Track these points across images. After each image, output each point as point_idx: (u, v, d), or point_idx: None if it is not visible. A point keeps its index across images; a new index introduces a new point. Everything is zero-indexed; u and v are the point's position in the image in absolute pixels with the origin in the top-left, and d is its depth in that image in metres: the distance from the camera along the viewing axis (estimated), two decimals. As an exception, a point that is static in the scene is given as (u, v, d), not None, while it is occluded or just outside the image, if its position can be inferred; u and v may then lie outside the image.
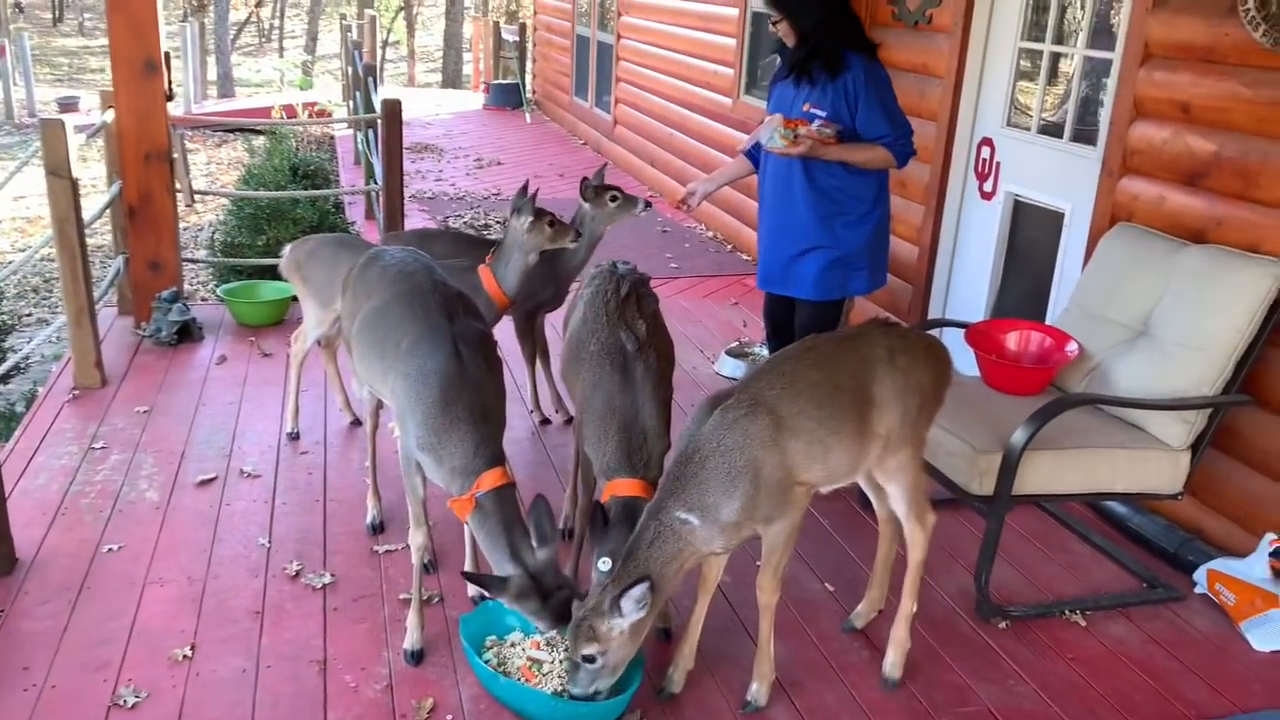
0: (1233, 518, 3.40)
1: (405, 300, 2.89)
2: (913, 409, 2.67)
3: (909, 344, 2.74)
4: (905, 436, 2.68)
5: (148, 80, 4.87)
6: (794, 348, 2.71)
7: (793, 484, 2.50)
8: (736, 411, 2.47)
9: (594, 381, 2.93)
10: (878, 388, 2.62)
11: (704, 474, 2.45)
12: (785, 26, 3.75)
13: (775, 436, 2.46)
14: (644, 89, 9.72)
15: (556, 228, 3.80)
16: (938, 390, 2.79)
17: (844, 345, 2.70)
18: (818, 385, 2.56)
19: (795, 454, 2.48)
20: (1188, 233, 3.48)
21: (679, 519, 2.45)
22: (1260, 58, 3.23)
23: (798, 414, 2.50)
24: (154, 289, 5.11)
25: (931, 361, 2.77)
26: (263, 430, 4.19)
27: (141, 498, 3.64)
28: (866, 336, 2.72)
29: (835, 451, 2.56)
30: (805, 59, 3.74)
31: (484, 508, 2.62)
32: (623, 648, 2.45)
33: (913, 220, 5.11)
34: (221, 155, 14.34)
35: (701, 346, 5.40)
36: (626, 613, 2.39)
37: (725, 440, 2.45)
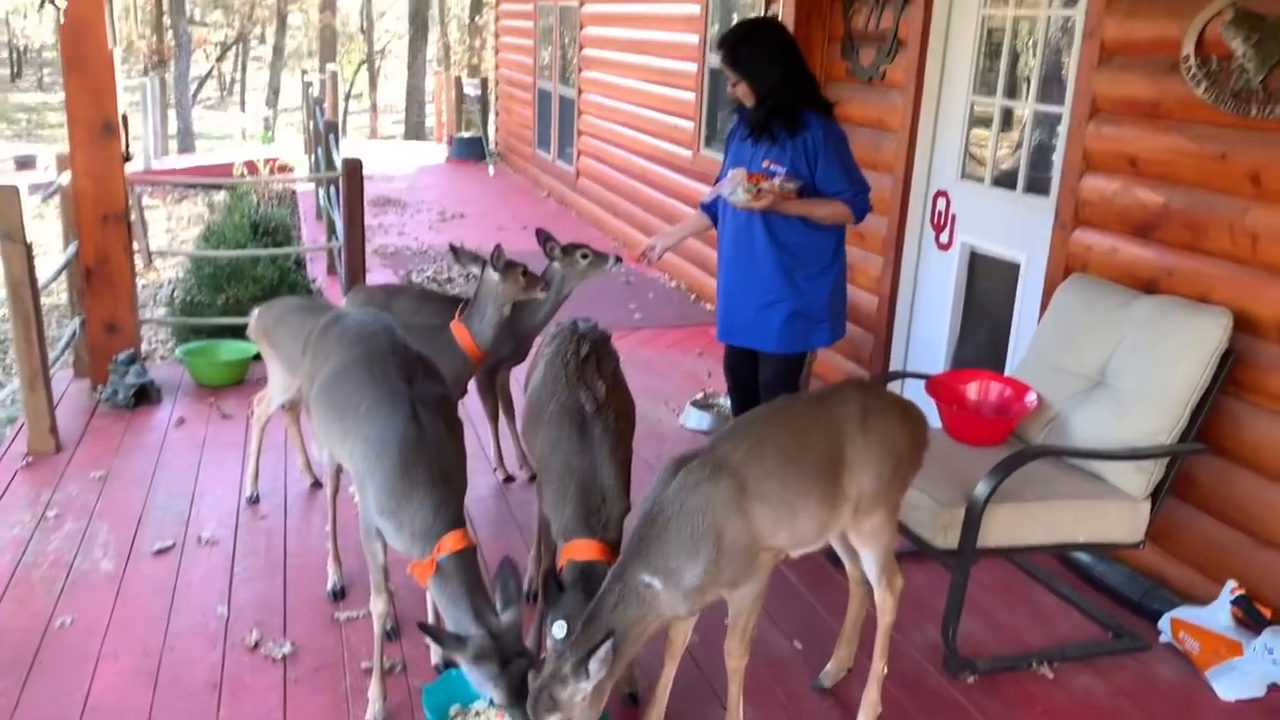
0: (1194, 565, 3.42)
1: (364, 363, 2.87)
2: (887, 472, 2.65)
3: (883, 405, 2.72)
4: (879, 500, 2.65)
5: (105, 142, 4.84)
6: (762, 409, 2.70)
7: (758, 549, 2.48)
8: (700, 474, 2.45)
9: (552, 441, 2.92)
10: (850, 450, 2.60)
11: (667, 537, 2.42)
12: (744, 87, 3.80)
13: (739, 501, 2.43)
14: (606, 142, 9.80)
15: (528, 278, 3.84)
16: (914, 453, 2.76)
17: (815, 406, 2.68)
18: (785, 448, 2.54)
19: (760, 519, 2.46)
20: (1140, 283, 3.54)
21: (643, 582, 2.42)
22: (1203, 113, 3.32)
23: (763, 478, 2.47)
24: (111, 351, 5.04)
25: (906, 424, 2.74)
26: (222, 494, 4.13)
27: (96, 568, 3.56)
28: (839, 396, 2.69)
29: (802, 516, 2.53)
30: (765, 118, 3.78)
31: (445, 571, 2.58)
32: (585, 714, 2.41)
33: (872, 271, 5.17)
34: (182, 211, 14.26)
35: (666, 399, 5.40)
36: (593, 674, 2.33)
37: (688, 503, 2.43)
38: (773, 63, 3.76)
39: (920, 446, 2.79)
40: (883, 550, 2.74)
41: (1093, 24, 3.73)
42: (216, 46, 32.93)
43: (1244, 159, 3.20)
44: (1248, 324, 3.18)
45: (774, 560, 2.55)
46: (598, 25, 10.05)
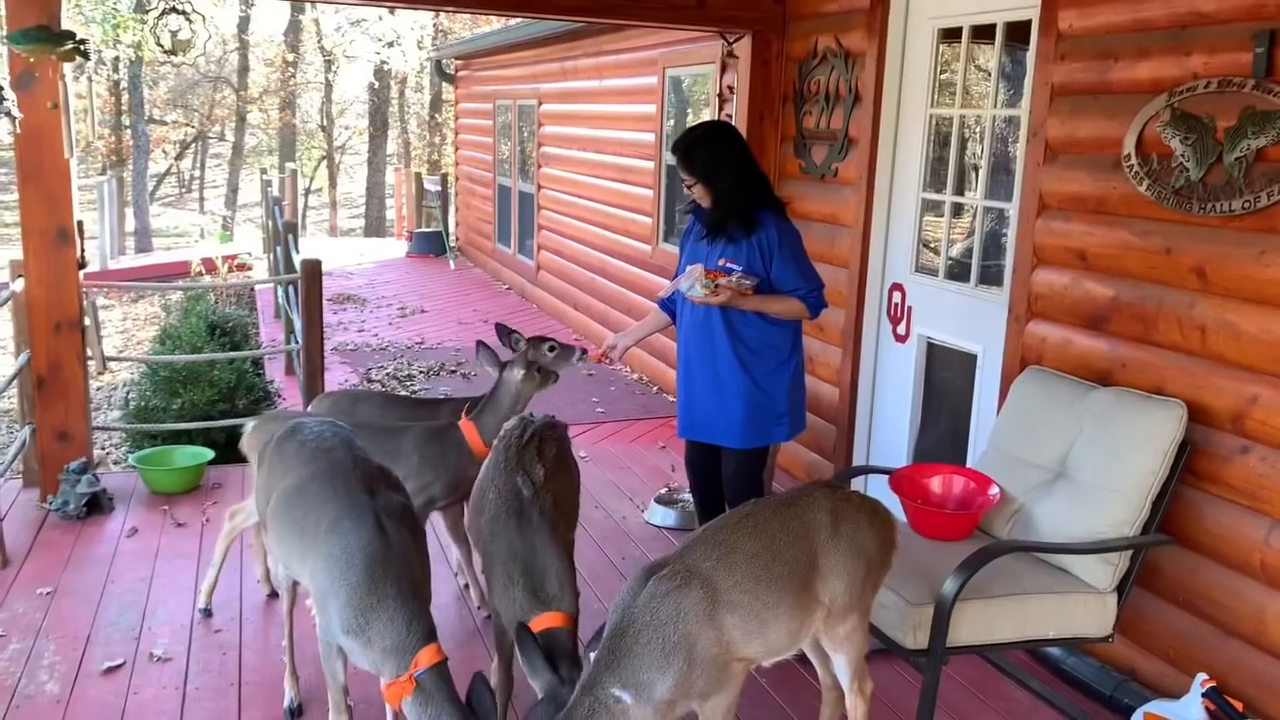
0: (1165, 657, 3.41)
1: (324, 478, 2.82)
2: (858, 576, 2.64)
3: (851, 508, 2.72)
4: (851, 604, 2.64)
5: (59, 249, 4.80)
6: (732, 514, 2.68)
7: (730, 660, 2.44)
8: (670, 583, 2.42)
9: (493, 530, 2.91)
10: (821, 555, 2.59)
11: (638, 649, 2.38)
12: (700, 189, 3.86)
13: (710, 611, 2.40)
14: (565, 236, 9.91)
15: (557, 351, 3.96)
16: (883, 555, 2.76)
17: (784, 511, 2.66)
18: (755, 556, 2.52)
19: (732, 629, 2.43)
20: (1095, 374, 3.59)
21: (613, 696, 2.36)
22: (1146, 209, 3.41)
23: (733, 587, 2.45)
24: (62, 460, 4.93)
25: (875, 525, 2.74)
26: (175, 608, 4.00)
27: (41, 690, 3.42)
28: (809, 500, 2.70)
29: (773, 626, 2.51)
30: (722, 218, 3.84)
31: (425, 688, 2.51)
32: None
33: (832, 362, 5.21)
34: (138, 311, 14.15)
35: (631, 494, 5.36)
36: None
37: (659, 614, 2.39)
38: (727, 164, 3.83)
39: (890, 548, 2.79)
40: (855, 655, 2.71)
41: (1037, 123, 3.85)
42: (176, 145, 33.10)
43: (1188, 254, 3.28)
44: (1202, 414, 3.23)
45: (745, 671, 2.51)
46: (556, 124, 10.23)
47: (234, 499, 5.10)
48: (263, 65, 31.23)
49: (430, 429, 3.79)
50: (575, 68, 9.56)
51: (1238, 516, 3.17)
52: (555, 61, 10.04)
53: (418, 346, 9.19)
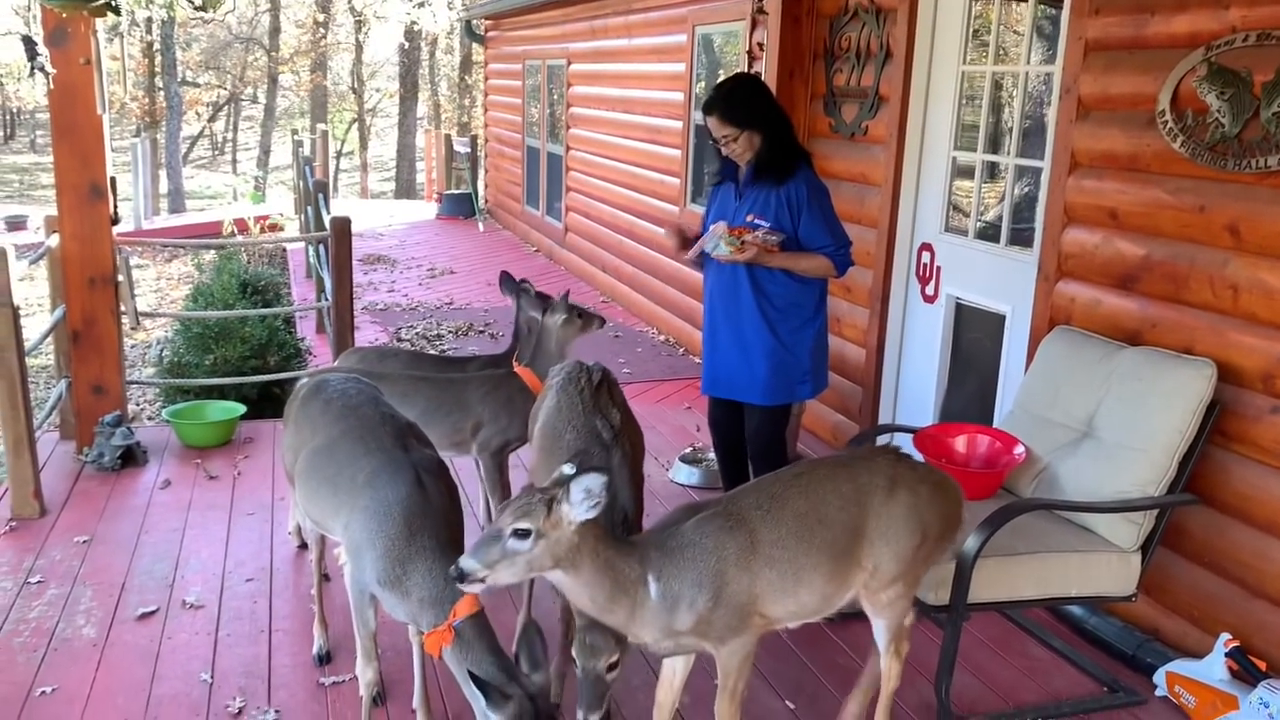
0: (1188, 618, 3.40)
1: (355, 435, 2.85)
2: (909, 547, 2.59)
3: (914, 477, 2.65)
4: (898, 573, 2.60)
5: (93, 205, 4.86)
6: (787, 469, 2.68)
7: (753, 612, 2.45)
8: (719, 522, 2.45)
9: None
10: (872, 520, 2.56)
11: (682, 562, 2.40)
12: (744, 139, 3.77)
13: (749, 560, 2.43)
14: (594, 198, 9.89)
15: (585, 318, 4.03)
16: (943, 530, 2.68)
17: (839, 472, 2.63)
18: (802, 516, 2.51)
19: (765, 583, 2.44)
20: (1124, 334, 3.56)
21: (647, 579, 2.39)
22: (1180, 166, 3.36)
23: (774, 543, 2.46)
24: (97, 413, 5.01)
25: (937, 500, 2.66)
26: (207, 557, 4.08)
27: (78, 634, 3.51)
28: (868, 463, 2.65)
29: (807, 587, 2.51)
30: (757, 168, 3.81)
31: (465, 637, 2.53)
32: (552, 549, 2.26)
33: (859, 323, 5.19)
34: (171, 270, 14.30)
35: (656, 453, 5.38)
36: (574, 500, 2.24)
37: (703, 544, 2.42)
38: (761, 114, 3.80)
39: (952, 524, 2.72)
40: (895, 621, 2.69)
41: (1070, 80, 3.79)
42: (208, 107, 33.25)
43: (1222, 211, 3.23)
44: (1232, 374, 3.20)
45: (764, 628, 2.52)
46: (585, 84, 10.18)
47: (266, 454, 5.18)
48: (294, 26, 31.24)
49: (490, 378, 3.91)
50: (604, 26, 9.49)
51: (1266, 477, 3.15)
52: (584, 20, 9.97)
53: (447, 307, 9.24)
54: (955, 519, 2.73)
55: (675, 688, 2.67)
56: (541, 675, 2.48)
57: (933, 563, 2.74)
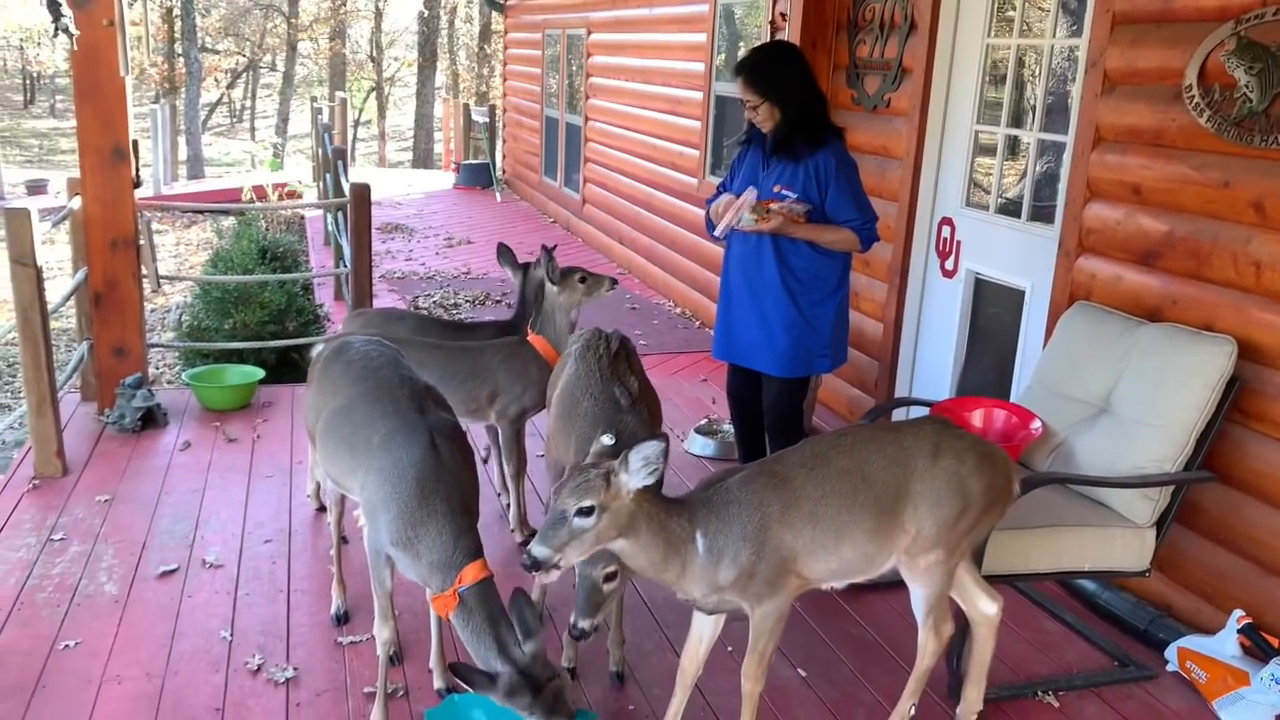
0: (1201, 594, 3.41)
1: (373, 396, 2.87)
2: (950, 514, 2.57)
3: (961, 445, 2.63)
4: (937, 539, 2.58)
5: (115, 168, 4.89)
6: (831, 434, 2.70)
7: (791, 571, 2.48)
8: (763, 480, 2.49)
9: (591, 438, 2.94)
10: (915, 484, 2.56)
11: (728, 517, 2.44)
12: (765, 109, 3.79)
13: (792, 517, 2.46)
14: (612, 169, 9.86)
15: (589, 282, 3.99)
16: (988, 501, 2.63)
17: (885, 435, 2.64)
18: (846, 474, 2.53)
19: (806, 540, 2.48)
20: (1144, 311, 3.55)
21: (695, 535, 2.43)
22: (1206, 142, 3.33)
23: (819, 499, 2.49)
24: (118, 375, 5.06)
25: (983, 468, 2.62)
26: (226, 518, 4.13)
27: (100, 591, 3.56)
28: (914, 429, 2.65)
29: (849, 544, 2.53)
30: (789, 134, 3.77)
31: (467, 604, 2.56)
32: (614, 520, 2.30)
33: (877, 298, 5.18)
34: (190, 236, 14.35)
35: (671, 425, 5.39)
36: (634, 468, 2.27)
37: (746, 500, 2.46)
38: (795, 82, 3.78)
39: (998, 494, 2.67)
40: (935, 591, 2.67)
41: (1096, 54, 3.76)
42: (227, 74, 33.24)
43: (1247, 188, 3.21)
44: (1252, 352, 3.18)
45: (800, 589, 2.56)
46: (605, 54, 10.14)
47: (284, 418, 5.22)
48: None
49: (505, 345, 3.94)
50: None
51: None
52: (606, -10, 9.91)
53: (464, 276, 9.26)
54: (1002, 491, 2.68)
55: (699, 655, 2.69)
56: (533, 643, 2.48)
57: (977, 535, 2.70)
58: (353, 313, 4.66)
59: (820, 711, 3.08)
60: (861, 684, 3.22)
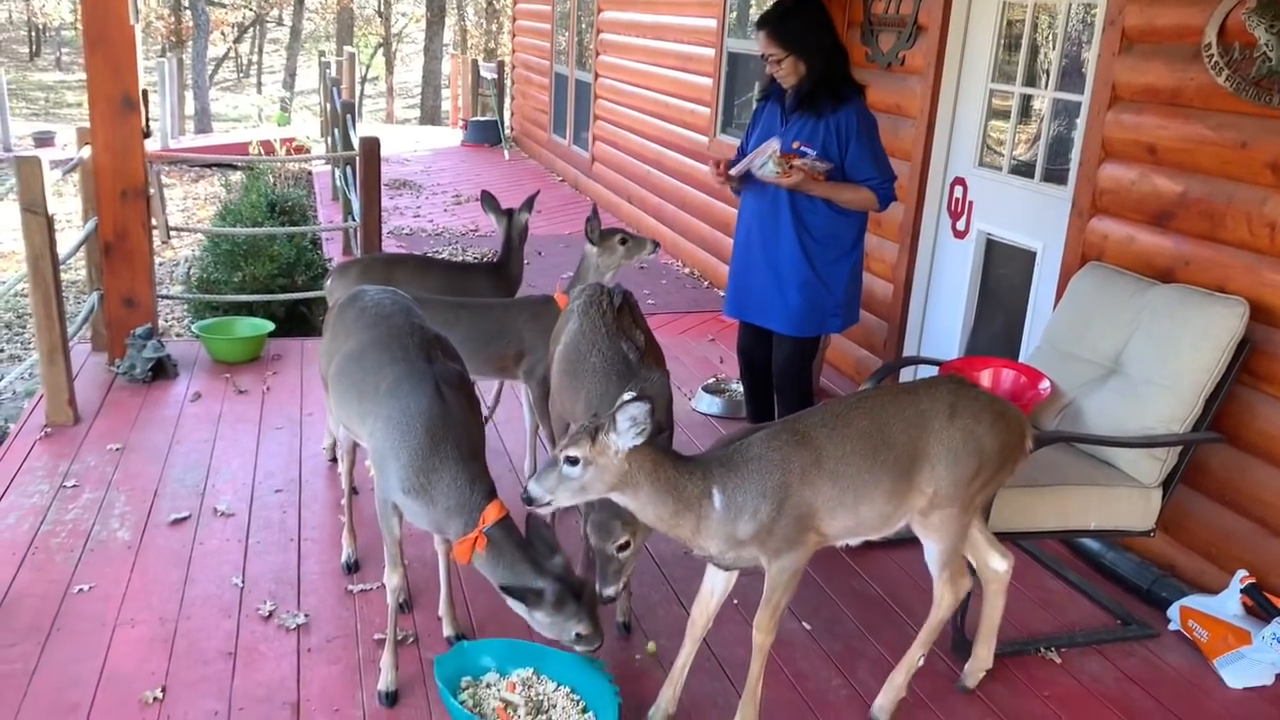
0: (1205, 554, 3.43)
1: (383, 343, 2.88)
2: (966, 471, 2.60)
3: (976, 405, 2.65)
4: (953, 496, 2.62)
5: (125, 117, 4.87)
6: (850, 395, 2.73)
7: (810, 527, 2.51)
8: (786, 437, 2.51)
9: (601, 393, 2.97)
10: (932, 443, 2.59)
11: (746, 473, 2.47)
12: (789, 63, 3.74)
13: (813, 475, 2.49)
14: (622, 127, 9.80)
15: (630, 244, 3.98)
16: (1003, 457, 2.68)
17: (903, 397, 2.66)
18: (866, 434, 2.56)
19: (826, 498, 2.50)
20: (1156, 272, 3.54)
21: (711, 490, 2.46)
22: (1224, 101, 3.31)
23: (839, 459, 2.52)
24: (129, 325, 5.08)
25: (998, 426, 2.65)
26: (237, 468, 4.16)
27: (113, 537, 3.60)
28: (930, 390, 2.68)
29: (867, 503, 2.56)
30: (813, 89, 3.74)
31: (495, 540, 2.61)
32: (599, 472, 2.35)
33: (888, 258, 5.16)
34: (198, 191, 14.32)
35: (679, 383, 5.41)
36: (620, 428, 2.31)
37: (768, 457, 2.48)
38: (820, 36, 3.74)
39: (1011, 451, 2.71)
40: (947, 546, 2.71)
41: (1114, 12, 3.72)
42: (234, 28, 32.98)
43: (1264, 148, 3.19)
44: (1264, 313, 3.18)
45: (818, 545, 2.58)
46: (615, 9, 10.03)
47: (294, 371, 5.24)
48: (321, -53, 30.82)
49: (531, 304, 3.92)
50: (638, -48, 9.32)
51: (1292, 417, 3.15)
52: (617, -55, 9.79)
53: (472, 234, 9.23)
54: (1016, 449, 2.72)
55: (710, 608, 2.71)
56: (560, 556, 2.61)
57: (990, 491, 2.74)
58: (348, 261, 4.65)
59: (824, 664, 3.11)
60: (865, 638, 3.25)
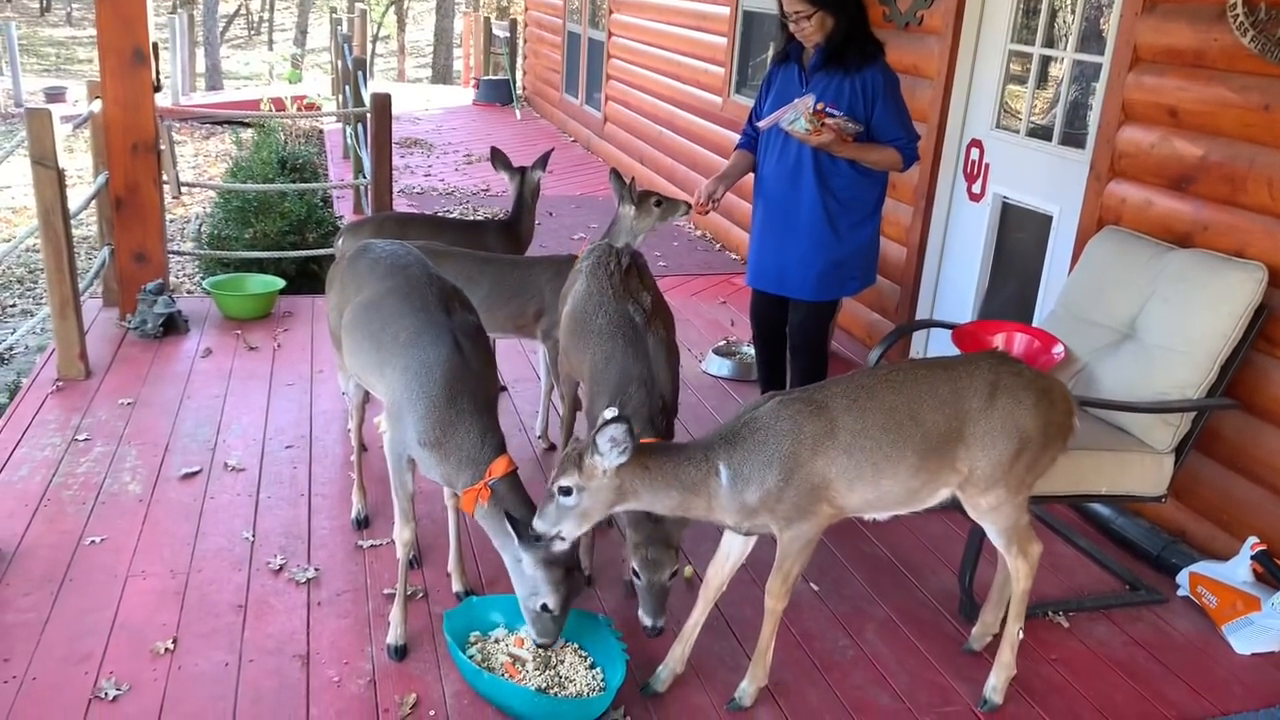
0: (1216, 521, 3.42)
1: (401, 293, 2.87)
2: (1007, 454, 2.51)
3: (1018, 382, 2.55)
4: (996, 478, 2.54)
5: (135, 71, 4.84)
6: (883, 367, 2.67)
7: (823, 499, 2.47)
8: (799, 406, 2.47)
9: (606, 355, 2.98)
10: (969, 423, 2.50)
11: (752, 444, 2.45)
12: (816, 20, 3.65)
13: (826, 447, 2.44)
14: (634, 87, 9.71)
15: (665, 206, 3.96)
16: (1047, 438, 2.58)
17: (938, 373, 2.57)
18: (893, 410, 2.49)
19: (839, 471, 2.45)
20: (1174, 237, 3.50)
21: (717, 466, 2.45)
22: (1248, 63, 3.25)
23: (858, 433, 2.46)
24: (140, 281, 5.08)
25: (1042, 406, 2.55)
26: (248, 424, 4.17)
27: (125, 490, 3.61)
28: (970, 366, 2.57)
29: (889, 479, 2.49)
30: (842, 45, 3.67)
31: (499, 494, 2.62)
32: (593, 495, 2.39)
33: (902, 221, 5.12)
34: (209, 148, 14.27)
35: (689, 345, 5.39)
36: (602, 450, 2.34)
37: (778, 426, 2.45)
38: None
39: (1058, 432, 2.61)
40: (1007, 526, 2.65)
41: (1138, -30, 3.65)
42: (245, -16, 32.71)
43: (1288, 111, 3.14)
44: (1283, 280, 3.15)
45: (832, 518, 2.54)
46: (630, -32, 9.91)
47: (304, 328, 5.24)
48: (332, -98, 30.48)
49: (553, 263, 3.88)
50: (653, -92, 9.19)
51: (1308, 384, 3.12)
52: (632, -99, 9.66)
53: (483, 193, 9.19)
54: (1062, 427, 2.63)
55: (725, 571, 2.71)
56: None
57: (1040, 470, 2.65)
58: (359, 220, 4.64)
59: (831, 624, 3.12)
60: (874, 600, 3.26)
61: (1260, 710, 2.82)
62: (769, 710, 2.73)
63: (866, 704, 2.78)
